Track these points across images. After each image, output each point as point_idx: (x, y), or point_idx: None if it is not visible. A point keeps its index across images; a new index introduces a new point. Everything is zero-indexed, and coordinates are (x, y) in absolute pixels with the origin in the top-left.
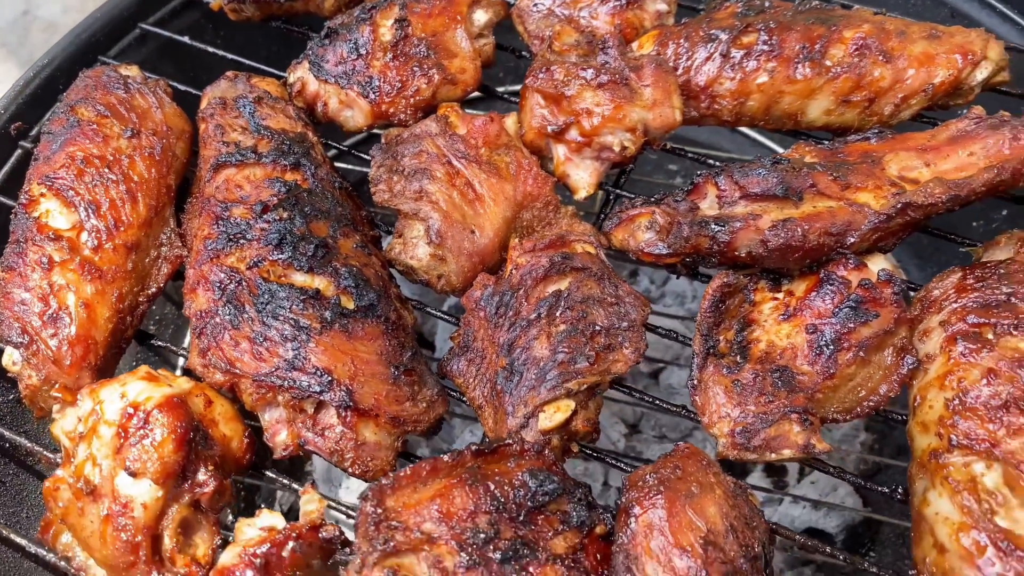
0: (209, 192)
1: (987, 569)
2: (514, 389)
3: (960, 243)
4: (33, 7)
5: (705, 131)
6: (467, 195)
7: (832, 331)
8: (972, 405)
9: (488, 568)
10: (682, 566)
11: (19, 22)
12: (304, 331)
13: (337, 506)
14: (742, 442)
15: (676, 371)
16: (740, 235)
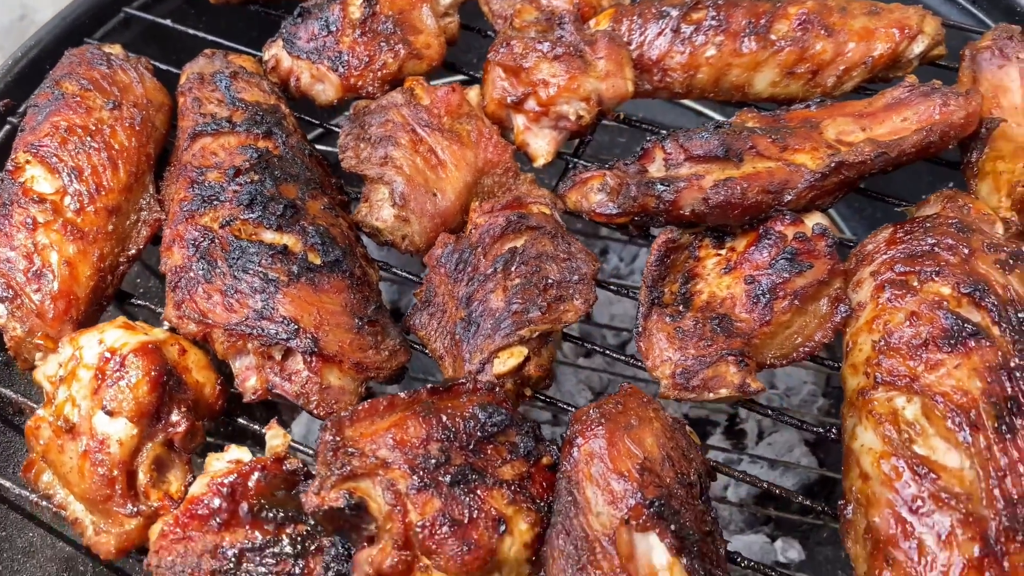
0: (186, 159)
1: (904, 491)
2: (471, 338)
3: (897, 204)
4: (30, 11)
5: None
6: (430, 161)
7: (769, 281)
8: (896, 345)
9: (438, 490)
10: (619, 489)
11: (15, 27)
12: (272, 283)
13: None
14: (682, 382)
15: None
16: (684, 194)
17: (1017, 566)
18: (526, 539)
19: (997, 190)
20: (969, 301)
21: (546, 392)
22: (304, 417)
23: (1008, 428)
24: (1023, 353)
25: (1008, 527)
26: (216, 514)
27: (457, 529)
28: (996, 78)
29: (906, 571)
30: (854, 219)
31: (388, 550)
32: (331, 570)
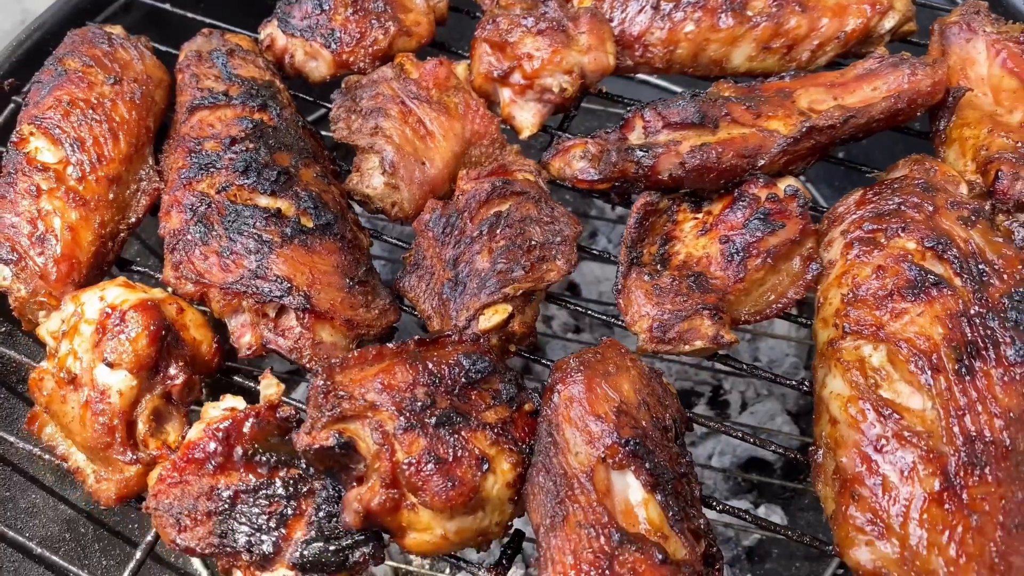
0: (184, 131)
1: (869, 432)
2: (458, 297)
3: (868, 171)
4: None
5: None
6: (419, 131)
7: (742, 240)
8: (863, 297)
9: (424, 431)
10: (596, 429)
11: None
12: (266, 245)
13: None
14: (659, 335)
15: None
16: (662, 159)
17: (975, 498)
18: (508, 478)
19: (963, 155)
20: (932, 254)
21: (530, 351)
22: (303, 389)
23: (967, 370)
24: (982, 301)
25: (967, 462)
26: (211, 458)
27: (442, 467)
28: (964, 51)
29: (871, 506)
30: (829, 189)
31: (376, 488)
32: (322, 511)
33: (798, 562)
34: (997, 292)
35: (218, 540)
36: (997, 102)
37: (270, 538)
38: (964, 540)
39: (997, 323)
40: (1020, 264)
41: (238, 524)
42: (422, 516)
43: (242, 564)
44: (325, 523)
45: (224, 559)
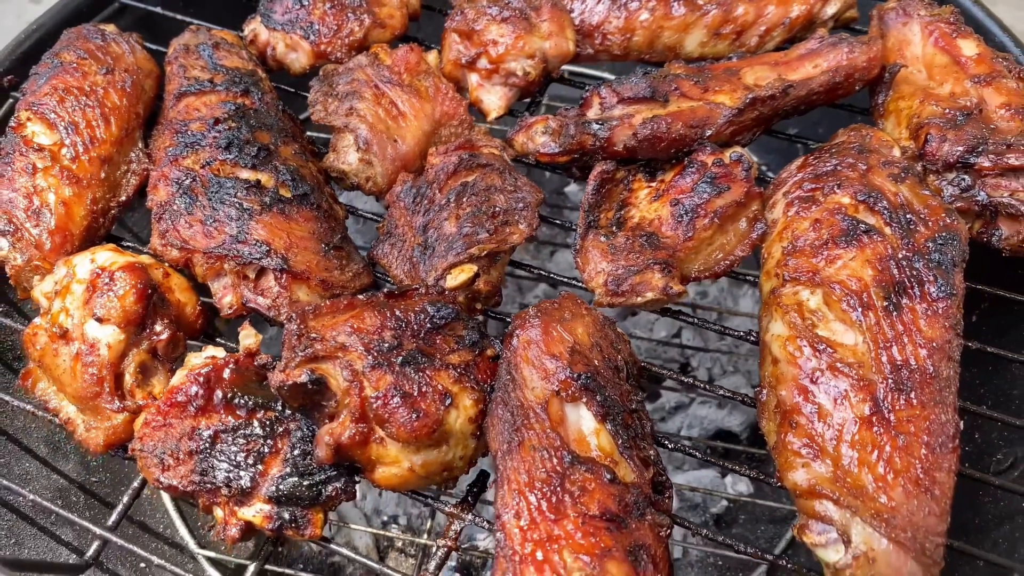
0: (171, 116)
1: (806, 366)
2: (427, 259)
3: (816, 143)
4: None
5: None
6: (391, 112)
7: (691, 202)
8: (801, 247)
9: (391, 368)
10: (551, 366)
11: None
12: (247, 212)
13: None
14: (613, 288)
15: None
16: (617, 131)
17: (902, 420)
18: (470, 414)
19: (899, 124)
20: (865, 207)
21: (496, 309)
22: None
23: (895, 306)
24: (909, 246)
25: (894, 388)
26: (193, 400)
27: (407, 400)
28: (901, 34)
29: (807, 431)
30: (784, 161)
31: (346, 423)
32: (297, 449)
33: (763, 526)
34: (922, 237)
35: (199, 477)
36: (930, 77)
37: (248, 474)
38: (892, 458)
39: (922, 264)
40: (944, 213)
41: (218, 462)
42: (390, 449)
43: (221, 500)
44: (300, 460)
45: (205, 496)
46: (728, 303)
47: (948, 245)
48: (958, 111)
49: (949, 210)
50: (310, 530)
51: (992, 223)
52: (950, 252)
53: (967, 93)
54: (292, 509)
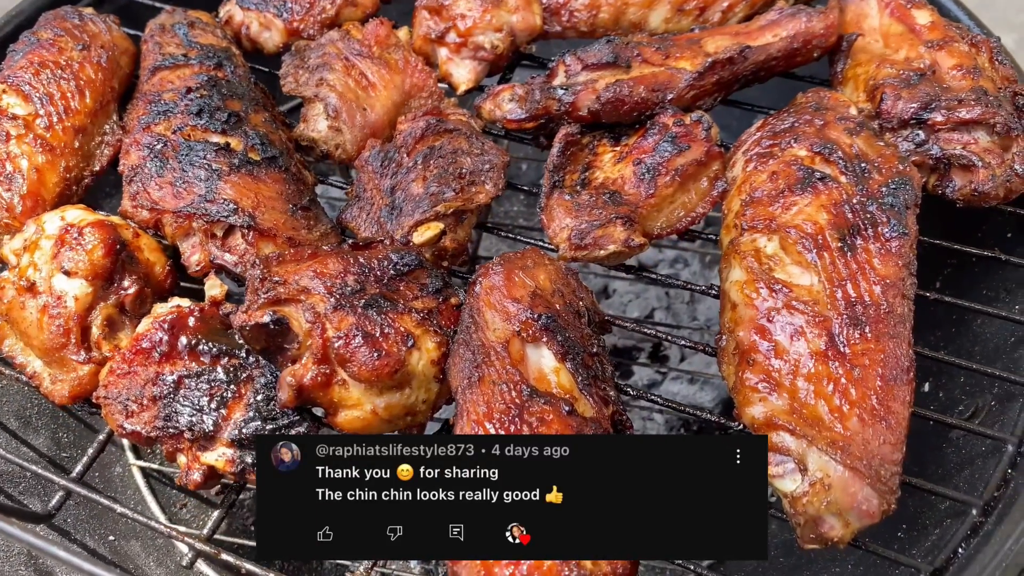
0: (146, 89)
1: (762, 306)
2: (394, 220)
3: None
4: None
5: None
6: (361, 82)
7: (652, 161)
8: (758, 198)
9: (353, 311)
10: (513, 309)
11: None
12: (216, 173)
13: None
14: (576, 242)
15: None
16: (581, 96)
17: (857, 353)
18: (433, 356)
19: (856, 89)
20: (821, 158)
21: (463, 269)
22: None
23: (849, 247)
24: (864, 191)
25: (849, 322)
26: (157, 347)
27: (369, 340)
28: (858, 7)
29: (763, 367)
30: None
31: (309, 365)
32: (260, 394)
33: None
34: (876, 184)
35: (162, 423)
36: (886, 45)
37: (211, 418)
38: (847, 390)
39: (875, 207)
40: (897, 160)
41: (181, 407)
42: (352, 392)
43: (185, 445)
44: (263, 405)
45: (168, 442)
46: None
47: (901, 188)
48: (912, 72)
49: (902, 158)
50: None
51: (946, 176)
52: (902, 195)
53: (921, 57)
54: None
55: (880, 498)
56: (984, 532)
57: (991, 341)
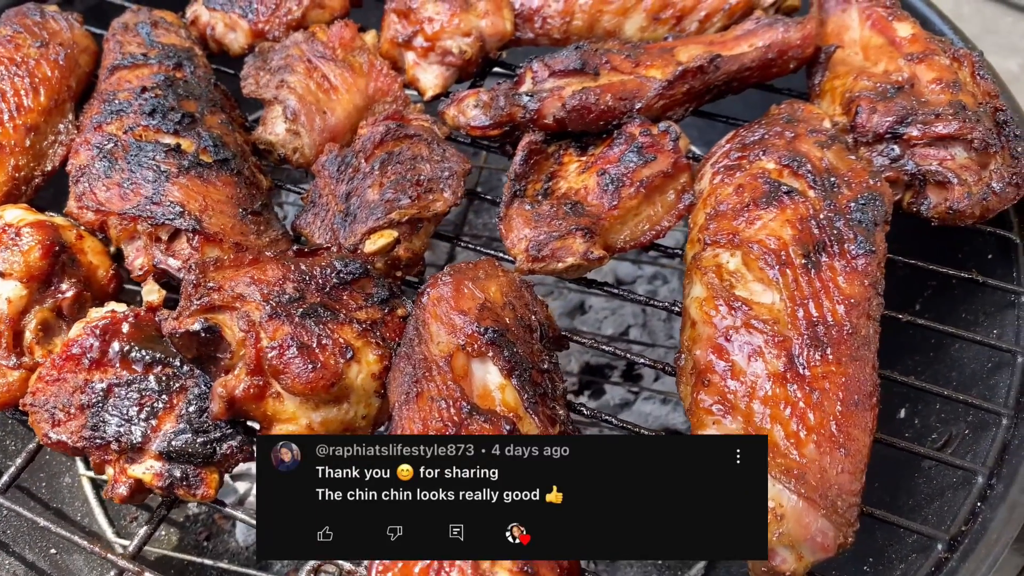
0: (103, 88)
1: (721, 324)
2: (348, 226)
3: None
4: None
5: None
6: (322, 85)
7: (616, 172)
8: (723, 211)
9: (290, 320)
10: (459, 321)
11: None
12: (163, 175)
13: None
14: (534, 253)
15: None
16: (547, 103)
17: (817, 375)
18: (374, 370)
19: (833, 102)
20: (789, 171)
21: (418, 278)
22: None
23: (813, 264)
24: (831, 207)
25: (810, 344)
26: (88, 352)
27: (304, 351)
28: (839, 19)
29: (719, 389)
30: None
31: (241, 376)
32: (193, 405)
33: None
34: (845, 199)
35: (90, 433)
36: (866, 58)
37: (139, 429)
38: (804, 414)
39: (843, 223)
40: (868, 175)
41: (109, 416)
42: (287, 405)
43: (112, 457)
44: (195, 417)
45: (96, 453)
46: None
47: (870, 205)
48: (889, 85)
49: (874, 173)
50: (203, 490)
51: (921, 192)
52: (871, 211)
53: (900, 70)
54: (184, 467)
55: (836, 530)
56: (948, 570)
57: (968, 366)
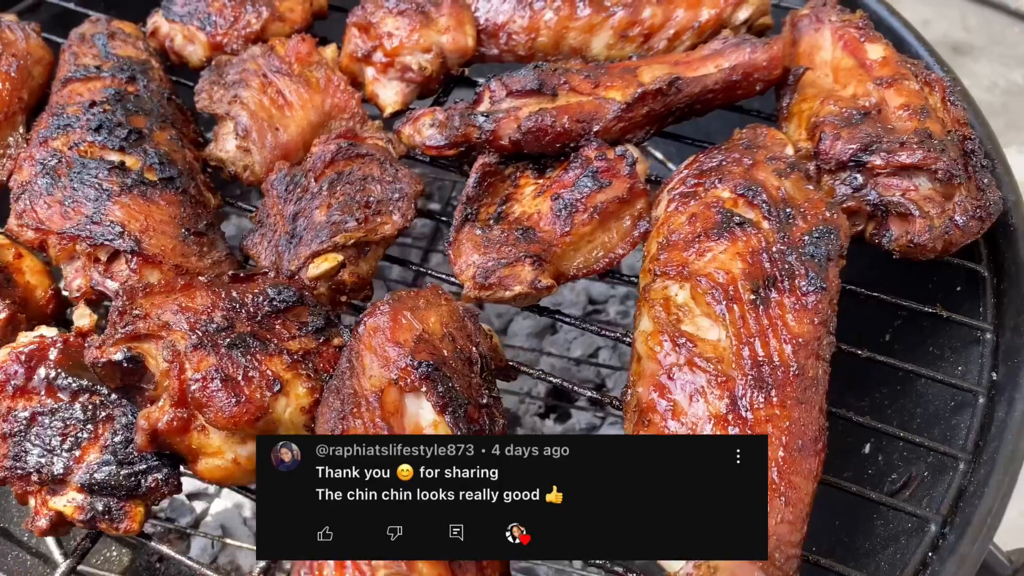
0: (54, 101)
1: (665, 361)
2: (292, 249)
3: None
4: None
5: None
6: (277, 101)
7: (570, 196)
8: (674, 241)
9: (215, 350)
10: (393, 354)
11: None
12: (105, 193)
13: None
14: (480, 281)
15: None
16: (503, 124)
17: (760, 419)
18: (303, 403)
19: (799, 127)
20: (744, 201)
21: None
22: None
23: (763, 300)
24: (785, 239)
25: (754, 385)
26: (12, 379)
27: (228, 384)
28: (812, 39)
29: (659, 429)
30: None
31: (165, 407)
32: (119, 435)
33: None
34: (799, 231)
35: (11, 463)
36: (836, 80)
37: (61, 460)
38: None
39: (795, 258)
40: (825, 207)
41: (32, 446)
42: (212, 439)
43: (34, 488)
44: (120, 448)
45: (17, 484)
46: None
47: (824, 238)
48: (856, 110)
49: (831, 204)
50: (126, 523)
51: (884, 224)
52: (825, 245)
53: (868, 94)
54: (107, 500)
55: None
56: None
57: (932, 403)
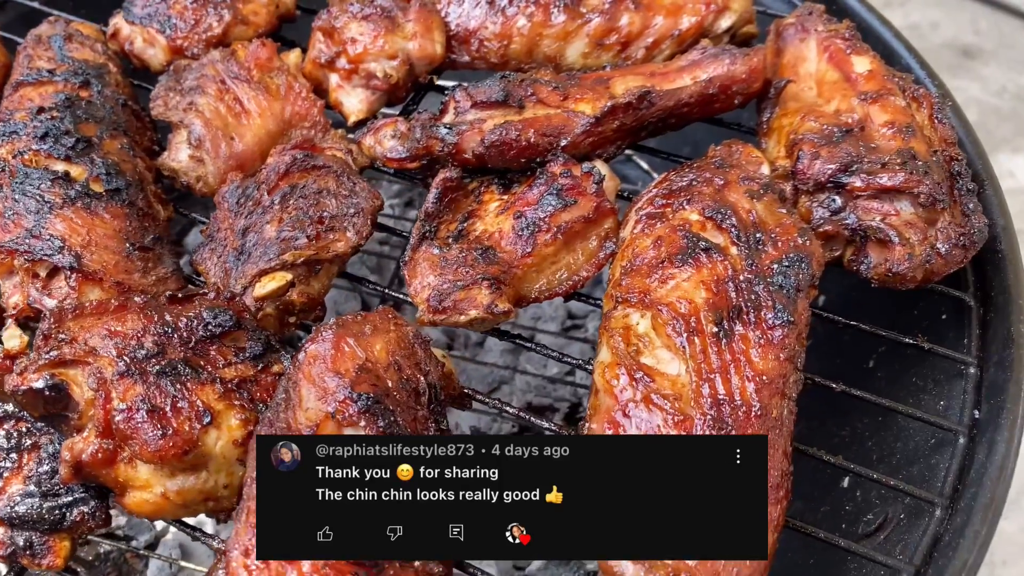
0: (4, 106)
1: (621, 396)
2: (240, 267)
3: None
4: None
5: None
6: (233, 109)
7: (534, 215)
8: (638, 266)
9: (143, 378)
10: (332, 385)
11: None
12: (47, 205)
13: None
14: (435, 304)
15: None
16: (466, 137)
17: None
18: (236, 436)
19: (779, 143)
20: (713, 224)
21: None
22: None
23: (726, 333)
24: (752, 267)
25: (713, 426)
26: None
27: (154, 415)
28: (797, 50)
29: None
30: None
31: (90, 438)
32: (44, 465)
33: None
34: (768, 259)
35: None
36: (819, 94)
37: None
38: None
39: (762, 287)
40: (797, 233)
41: None
42: (140, 472)
43: None
44: (45, 479)
45: None
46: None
47: (794, 267)
48: (837, 127)
49: (803, 230)
50: (49, 558)
51: (862, 250)
52: (795, 275)
53: (852, 110)
54: (29, 534)
55: None
56: None
57: (913, 438)
